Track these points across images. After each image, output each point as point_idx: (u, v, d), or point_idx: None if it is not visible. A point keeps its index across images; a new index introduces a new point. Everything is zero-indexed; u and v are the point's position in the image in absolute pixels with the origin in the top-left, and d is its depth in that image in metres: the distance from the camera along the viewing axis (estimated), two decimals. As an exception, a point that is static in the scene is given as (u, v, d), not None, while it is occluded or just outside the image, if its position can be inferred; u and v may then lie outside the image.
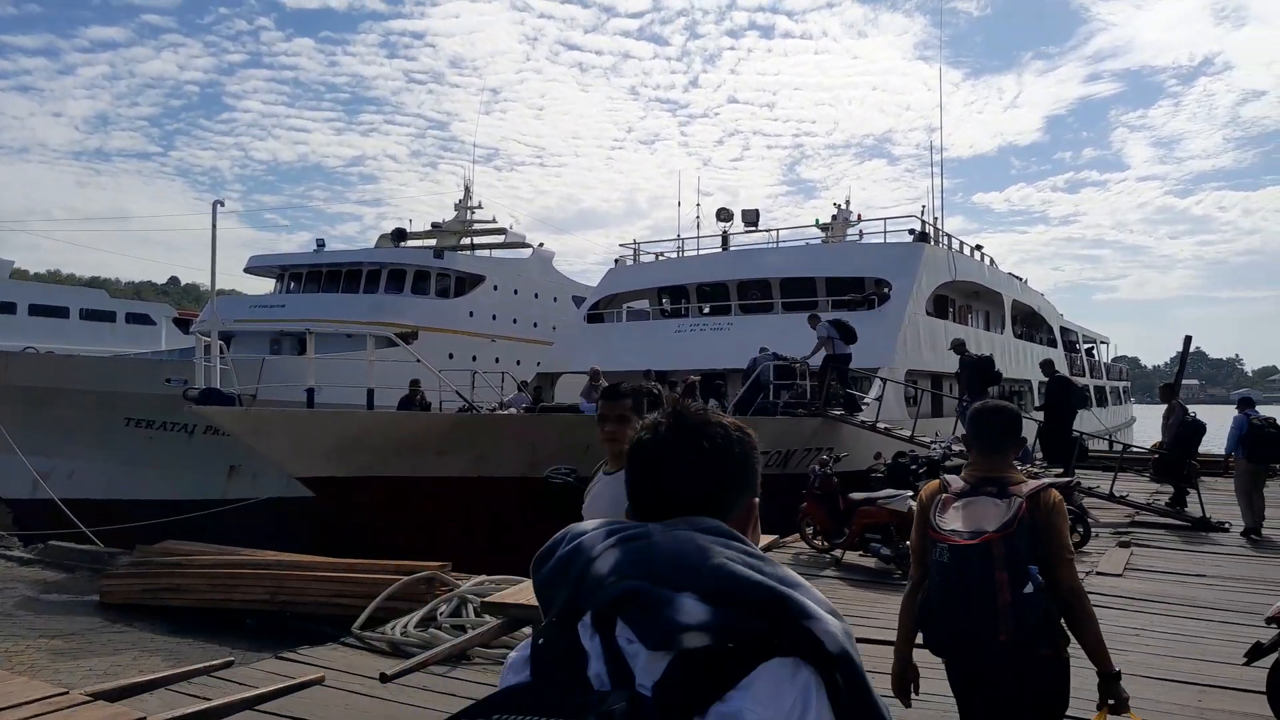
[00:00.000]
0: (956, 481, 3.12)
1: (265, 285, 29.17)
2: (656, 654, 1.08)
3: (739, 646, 1.08)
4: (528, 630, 5.73)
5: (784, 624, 1.11)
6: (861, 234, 24.81)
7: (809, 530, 10.75)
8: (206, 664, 4.20)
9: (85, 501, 15.97)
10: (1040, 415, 15.49)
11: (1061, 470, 13.51)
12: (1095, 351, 41.85)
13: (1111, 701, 3.09)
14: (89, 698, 3.30)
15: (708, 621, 1.08)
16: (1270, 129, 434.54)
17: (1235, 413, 12.46)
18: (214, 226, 12.17)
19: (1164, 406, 14.93)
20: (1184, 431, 13.61)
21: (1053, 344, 32.77)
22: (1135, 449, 19.01)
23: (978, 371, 15.52)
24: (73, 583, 10.39)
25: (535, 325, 28.70)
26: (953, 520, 3.00)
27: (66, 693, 3.32)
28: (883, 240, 23.05)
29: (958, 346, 16.22)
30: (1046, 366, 16.07)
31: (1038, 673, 2.98)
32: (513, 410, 15.44)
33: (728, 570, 1.12)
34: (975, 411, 3.23)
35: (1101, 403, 36.49)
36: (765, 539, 6.68)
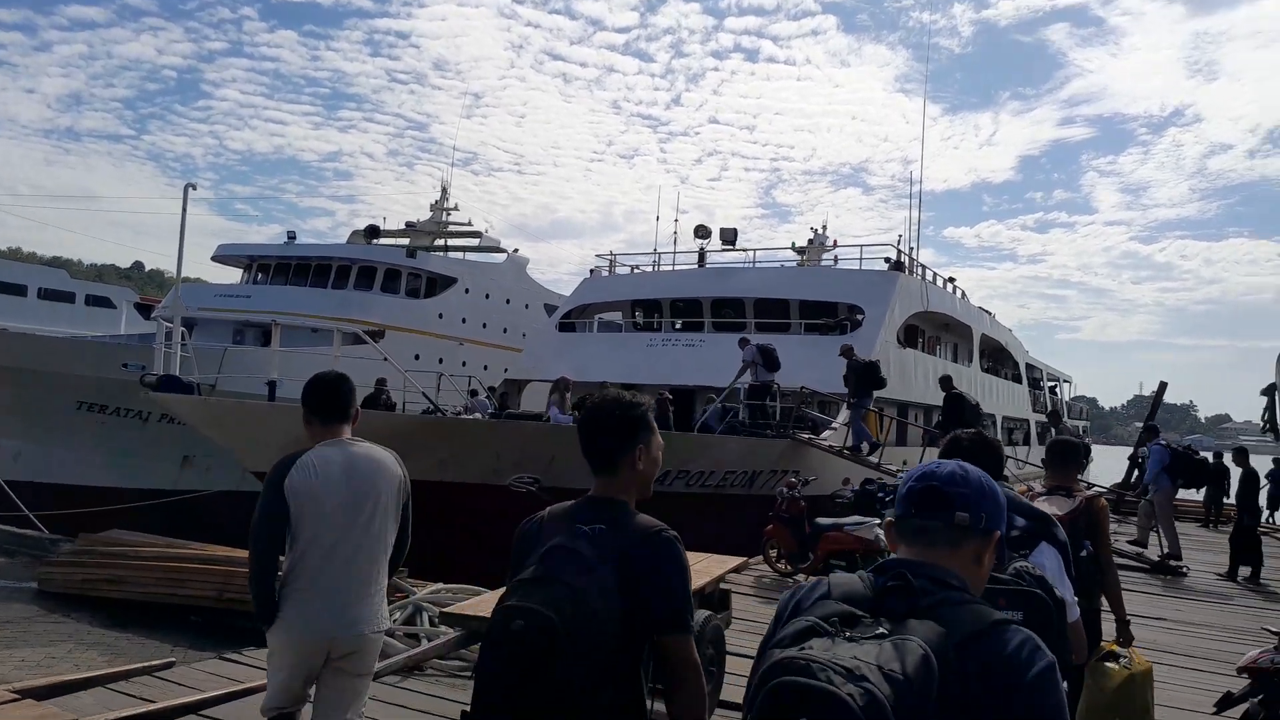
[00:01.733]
0: (1039, 487, 4.69)
1: (232, 276, 28.67)
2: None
3: (1032, 534, 3.14)
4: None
5: (1045, 527, 3.20)
6: (836, 259, 24.87)
7: (773, 553, 10.63)
8: (146, 663, 3.96)
9: (30, 484, 15.48)
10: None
11: None
12: (1058, 390, 42.38)
13: (1121, 639, 4.63)
14: (16, 695, 3.07)
15: (1025, 525, 3.18)
16: (1235, 182, 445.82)
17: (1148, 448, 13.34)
18: (184, 210, 11.89)
19: (1127, 449, 15.29)
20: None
21: (1018, 379, 33.08)
22: (1097, 487, 19.10)
23: (865, 375, 15.80)
24: (10, 568, 10.00)
25: (505, 331, 28.44)
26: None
27: (-10, 690, 3.09)
28: (858, 266, 23.12)
29: (945, 383, 16.13)
30: (944, 383, 16.02)
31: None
32: (477, 415, 15.20)
33: (1028, 505, 3.36)
34: (1052, 443, 4.75)
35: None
36: (730, 561, 6.55)
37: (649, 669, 2.30)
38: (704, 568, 6.13)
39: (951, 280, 27.50)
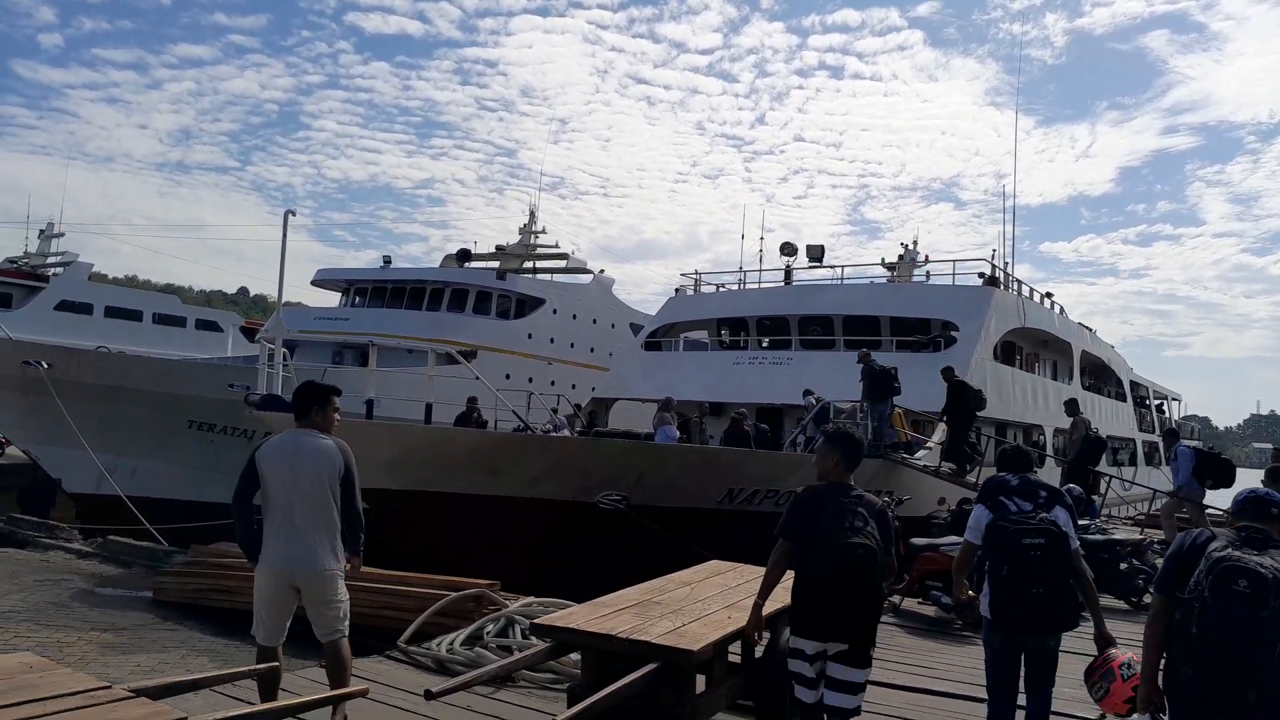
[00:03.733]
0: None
1: (331, 299, 29.69)
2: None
3: (1050, 500, 4.72)
4: (575, 656, 5.56)
5: (1055, 496, 4.78)
6: (929, 275, 24.38)
7: (866, 573, 10.41)
8: (252, 668, 4.11)
9: (146, 499, 16.23)
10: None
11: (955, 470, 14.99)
12: (1165, 408, 40.52)
13: None
14: (131, 694, 3.22)
15: (1045, 496, 4.76)
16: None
17: (1179, 448, 13.62)
18: (284, 233, 12.40)
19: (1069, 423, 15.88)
20: (1086, 446, 14.94)
21: (1121, 398, 31.77)
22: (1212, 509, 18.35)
23: (878, 381, 15.66)
24: (128, 578, 10.50)
25: (592, 350, 28.70)
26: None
27: (109, 687, 3.25)
28: (951, 282, 22.59)
29: (947, 373, 15.95)
30: (946, 374, 15.74)
31: None
32: (564, 433, 15.35)
33: (1046, 484, 4.96)
34: (1244, 497, 3.82)
35: (1170, 460, 35.18)
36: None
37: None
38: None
39: (1049, 295, 26.64)
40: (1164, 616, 3.57)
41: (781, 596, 5.75)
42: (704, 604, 5.35)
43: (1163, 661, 3.56)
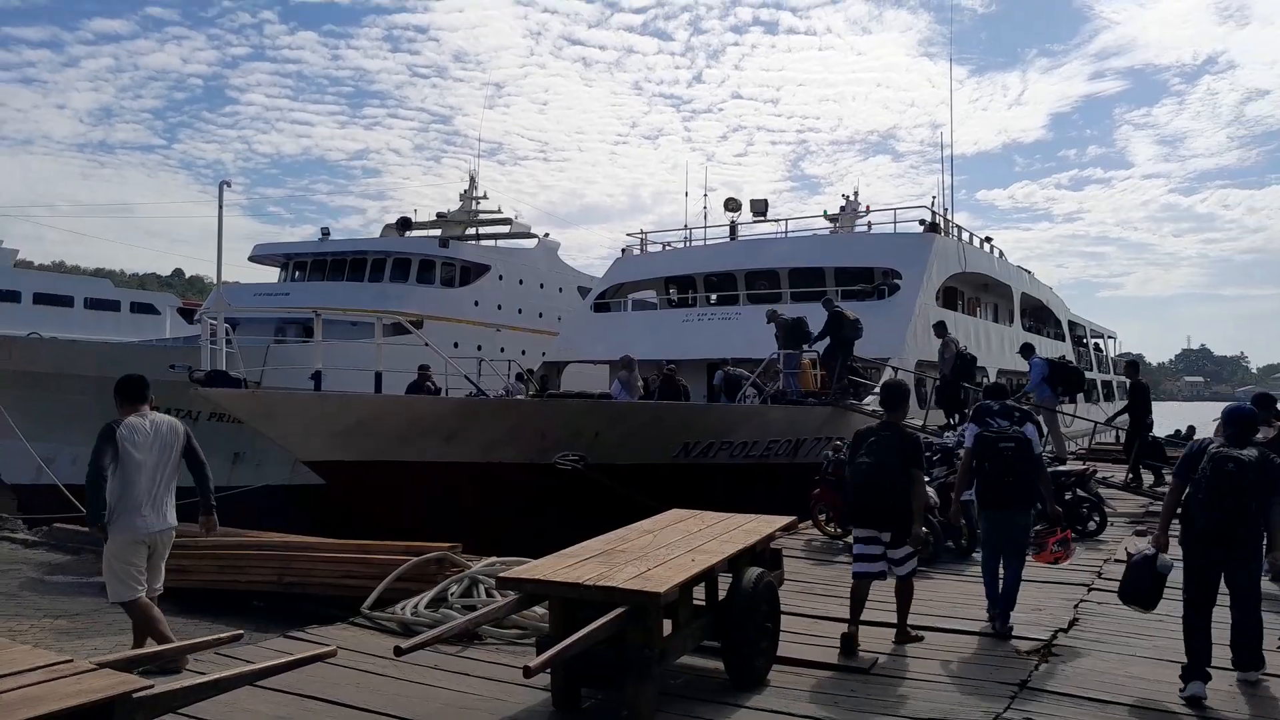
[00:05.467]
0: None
1: (270, 275, 29.03)
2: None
3: (1022, 419, 6.68)
4: (541, 610, 5.60)
5: (1027, 416, 6.79)
6: (870, 225, 24.61)
7: (821, 517, 10.61)
8: (216, 637, 4.07)
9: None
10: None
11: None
12: (1102, 346, 41.64)
13: None
14: (95, 666, 3.17)
15: (1020, 414, 6.75)
16: (1275, 127, 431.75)
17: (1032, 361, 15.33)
18: (220, 207, 12.07)
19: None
20: (959, 363, 15.88)
21: (1060, 338, 32.57)
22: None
23: (790, 333, 16.06)
24: (77, 564, 10.28)
25: (540, 315, 28.53)
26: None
27: (71, 660, 3.19)
28: (893, 231, 22.85)
29: (827, 304, 16.22)
30: (826, 303, 16.17)
31: None
32: (519, 398, 15.29)
33: (1019, 406, 7.18)
34: (1230, 411, 5.83)
35: (1109, 397, 36.28)
36: (779, 520, 6.56)
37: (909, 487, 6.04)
38: (754, 527, 6.14)
39: (989, 240, 27.12)
40: (1178, 492, 5.61)
41: (741, 538, 5.85)
42: (667, 549, 5.41)
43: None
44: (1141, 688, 5.38)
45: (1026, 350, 16.37)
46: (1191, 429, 22.81)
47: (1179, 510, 5.49)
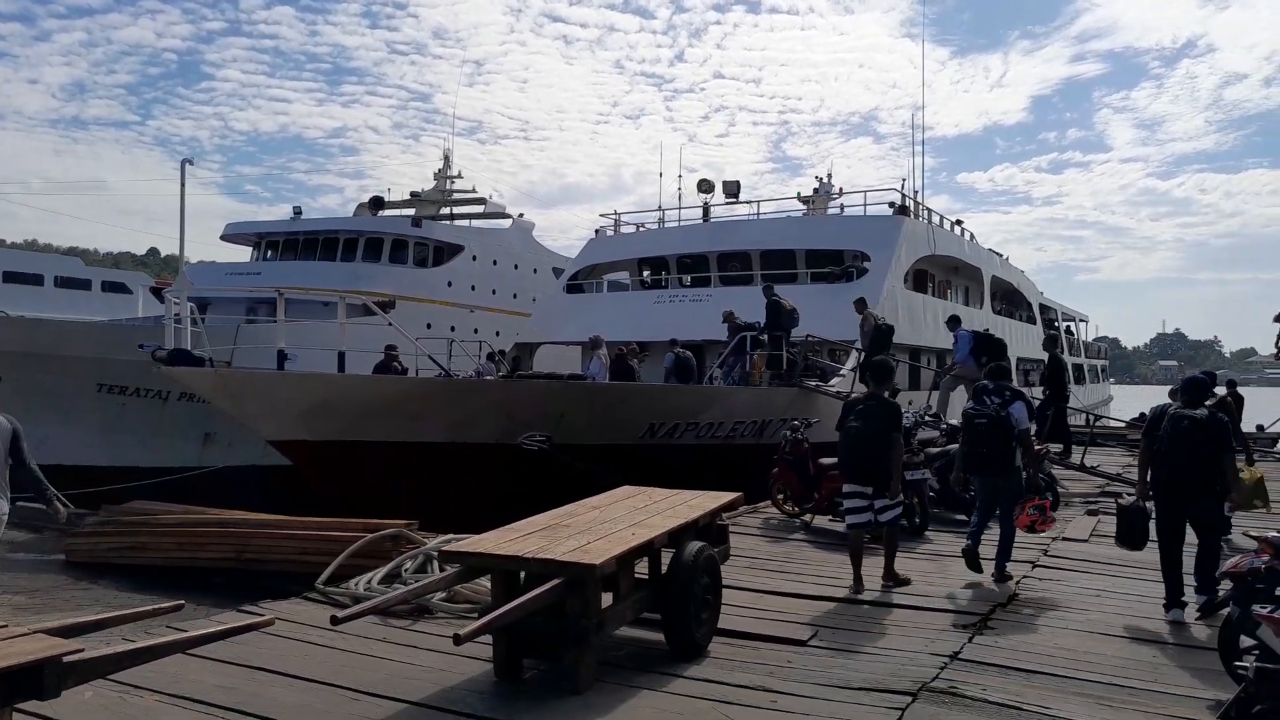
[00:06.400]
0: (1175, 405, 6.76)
1: (243, 255, 28.83)
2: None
3: (1013, 398, 7.55)
4: (482, 583, 5.72)
5: (1018, 396, 7.62)
6: (843, 208, 24.74)
7: (780, 495, 10.78)
8: (157, 606, 4.15)
9: (56, 467, 15.76)
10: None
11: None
12: (1074, 329, 42.07)
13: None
14: (28, 631, 3.26)
15: (1010, 394, 7.63)
16: (1252, 112, 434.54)
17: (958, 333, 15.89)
18: (183, 185, 12.07)
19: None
20: (877, 335, 15.84)
21: (1031, 320, 32.90)
22: (1112, 421, 19.52)
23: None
24: (39, 543, 10.31)
25: (515, 296, 28.50)
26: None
27: (5, 625, 3.28)
28: (863, 213, 23.00)
29: (952, 322, 16.72)
30: (766, 290, 16.59)
31: None
32: (489, 379, 15.35)
33: (1014, 387, 7.88)
34: (1186, 380, 7.06)
35: (1079, 380, 36.70)
36: (724, 496, 6.71)
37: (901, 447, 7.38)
38: (699, 503, 6.29)
39: (959, 223, 27.31)
40: (1147, 451, 6.78)
41: (685, 513, 5.99)
42: (610, 524, 5.54)
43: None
44: (1068, 659, 5.58)
45: (953, 322, 16.69)
46: None
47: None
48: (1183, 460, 6.31)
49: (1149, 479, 6.72)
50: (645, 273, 24.42)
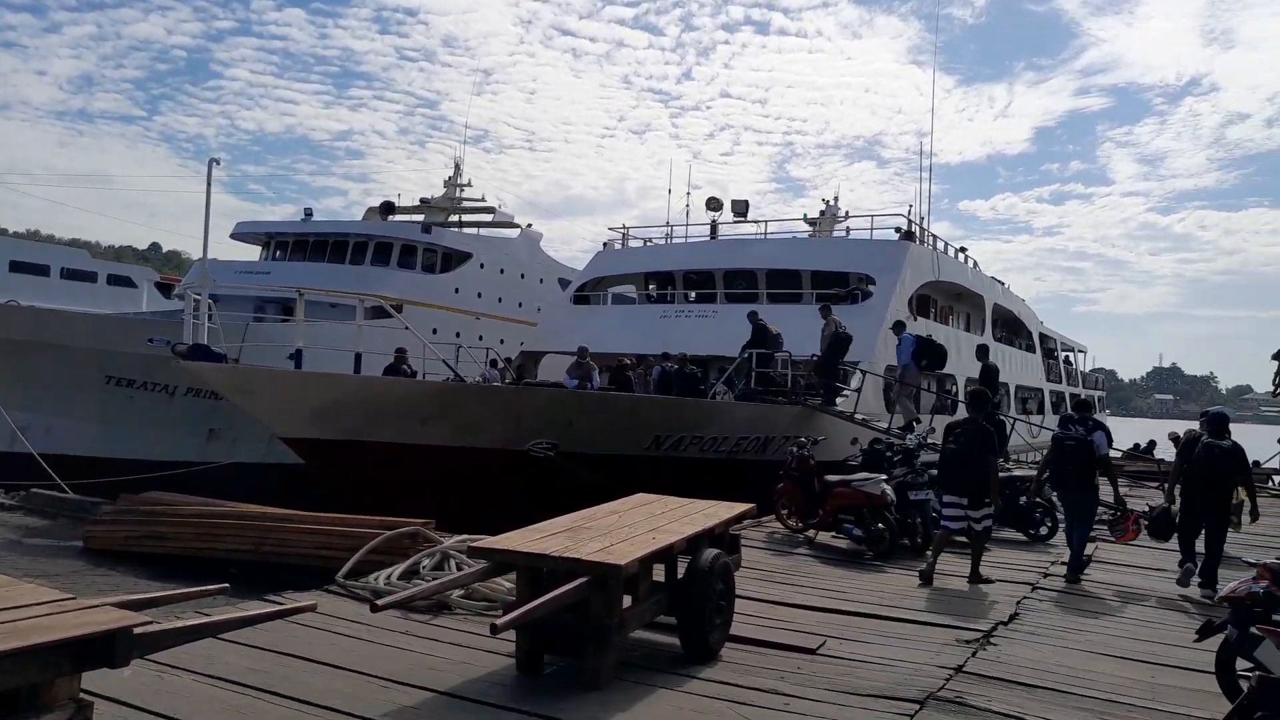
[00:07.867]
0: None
1: (251, 253, 29.01)
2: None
3: (1094, 427, 9.08)
4: (508, 585, 5.89)
5: (1099, 425, 9.19)
6: (849, 230, 25.02)
7: (784, 511, 10.96)
8: (200, 589, 4.33)
9: (62, 457, 15.91)
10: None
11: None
12: (1073, 359, 42.34)
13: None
14: (99, 603, 3.44)
15: (1093, 423, 9.24)
16: (1253, 151, 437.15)
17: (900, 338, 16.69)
18: (209, 184, 12.18)
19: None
20: (835, 341, 16.47)
21: (1031, 349, 33.15)
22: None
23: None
24: (55, 529, 10.44)
25: (520, 305, 28.71)
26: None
27: (74, 598, 3.45)
28: (869, 237, 23.26)
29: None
30: (751, 316, 17.10)
31: None
32: (495, 384, 15.53)
33: (1096, 419, 9.55)
34: (1213, 415, 8.99)
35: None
36: (739, 506, 6.90)
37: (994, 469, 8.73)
38: (713, 511, 6.48)
39: (963, 250, 27.60)
40: (1179, 470, 8.82)
41: (701, 520, 6.18)
42: (630, 528, 5.73)
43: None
44: (1069, 675, 5.77)
45: (898, 327, 17.36)
46: (1152, 443, 23.98)
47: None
48: (1211, 479, 8.38)
49: (1180, 493, 8.78)
50: (651, 287, 24.64)
